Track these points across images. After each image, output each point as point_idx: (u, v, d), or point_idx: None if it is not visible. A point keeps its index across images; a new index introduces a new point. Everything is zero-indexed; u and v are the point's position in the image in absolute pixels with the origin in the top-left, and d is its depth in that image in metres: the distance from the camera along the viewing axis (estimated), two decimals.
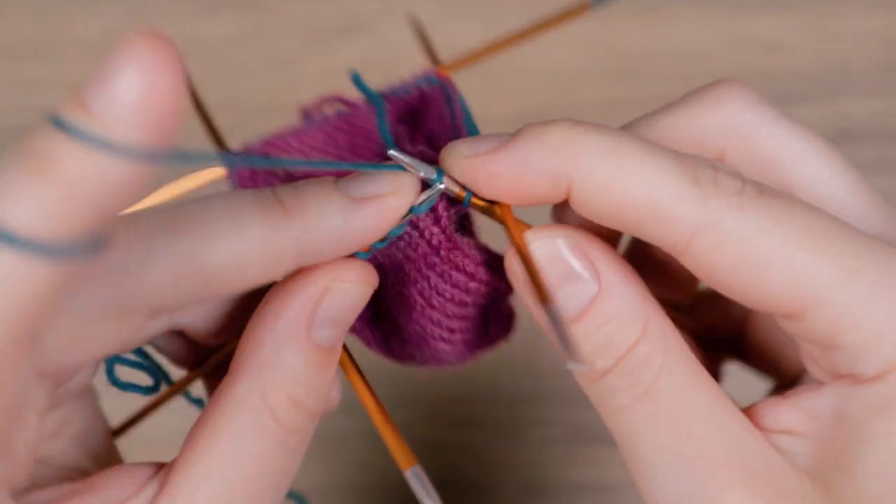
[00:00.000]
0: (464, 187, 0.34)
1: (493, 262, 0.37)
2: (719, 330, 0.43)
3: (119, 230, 0.30)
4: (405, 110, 0.40)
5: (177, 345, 0.39)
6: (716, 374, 0.44)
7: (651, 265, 0.39)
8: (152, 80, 0.23)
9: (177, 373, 0.40)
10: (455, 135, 0.38)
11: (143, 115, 0.23)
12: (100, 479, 0.32)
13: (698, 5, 0.75)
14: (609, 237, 0.35)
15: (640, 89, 0.74)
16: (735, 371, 0.44)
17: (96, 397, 0.38)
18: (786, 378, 0.40)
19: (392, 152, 0.33)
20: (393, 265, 0.36)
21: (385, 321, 0.39)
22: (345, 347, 0.36)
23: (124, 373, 0.39)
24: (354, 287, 0.34)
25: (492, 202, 0.34)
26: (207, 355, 0.38)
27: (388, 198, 0.33)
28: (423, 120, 0.40)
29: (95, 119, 0.23)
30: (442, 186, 0.34)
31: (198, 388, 0.40)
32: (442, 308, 0.37)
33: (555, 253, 0.33)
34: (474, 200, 0.34)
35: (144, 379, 0.40)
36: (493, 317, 0.40)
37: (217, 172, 0.37)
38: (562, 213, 0.37)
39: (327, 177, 0.33)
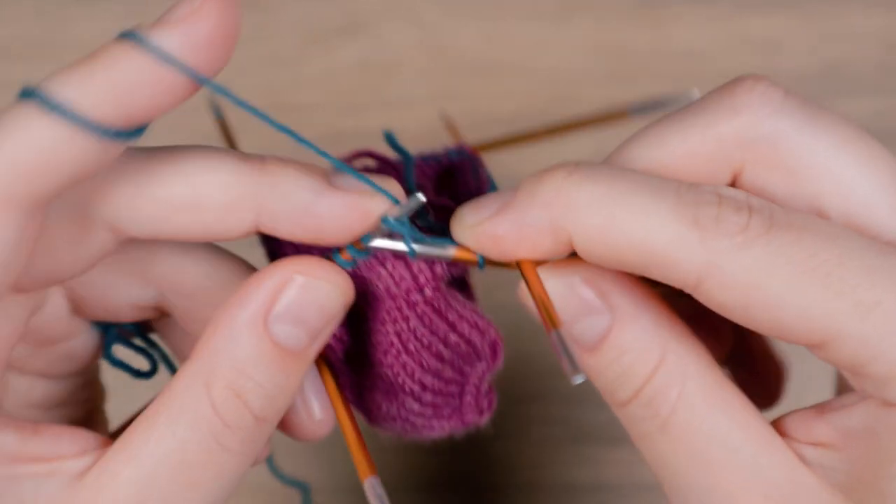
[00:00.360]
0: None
1: (481, 325, 0.37)
2: None
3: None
4: (434, 173, 0.40)
5: (178, 336, 0.39)
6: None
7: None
8: (209, 10, 0.29)
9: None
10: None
11: (195, 35, 0.29)
12: (47, 430, 0.32)
13: (698, 5, 0.75)
14: None
15: (640, 89, 0.74)
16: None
17: (102, 396, 0.40)
18: None
19: (420, 195, 0.33)
20: (374, 299, 0.36)
21: (359, 361, 0.38)
22: (326, 360, 0.35)
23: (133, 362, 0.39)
24: (322, 285, 0.33)
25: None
26: None
27: (363, 196, 0.33)
28: (449, 183, 0.40)
29: (160, 32, 0.29)
30: (423, 199, 0.33)
31: None
32: (417, 356, 0.36)
33: (568, 287, 0.32)
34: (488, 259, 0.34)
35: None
36: (471, 392, 0.38)
37: None
38: None
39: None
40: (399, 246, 0.34)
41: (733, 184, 0.34)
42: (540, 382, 0.68)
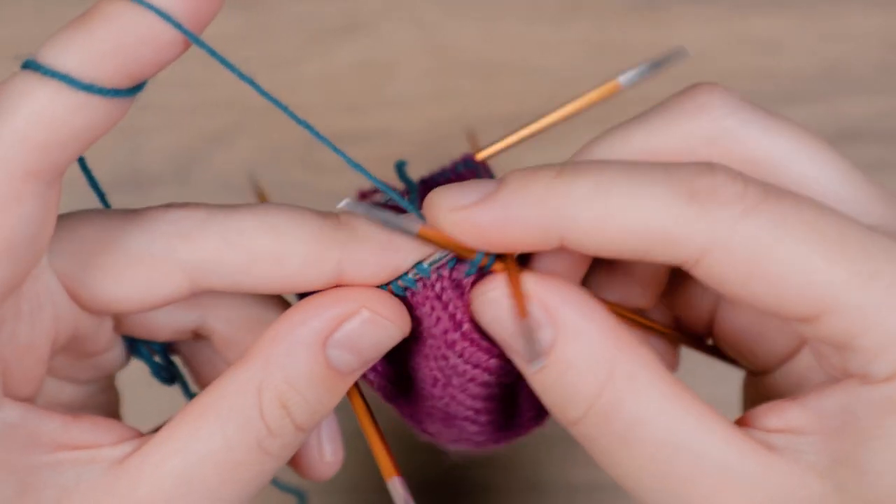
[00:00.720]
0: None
1: None
2: (685, 323, 0.42)
3: (185, 203, 0.34)
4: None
5: (200, 361, 0.40)
6: (673, 363, 0.43)
7: (615, 270, 0.39)
8: None
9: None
10: None
11: None
12: (85, 419, 0.33)
13: (698, 5, 0.75)
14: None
15: (640, 89, 0.74)
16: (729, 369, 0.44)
17: (118, 401, 0.41)
18: (757, 368, 0.39)
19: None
20: (423, 334, 0.36)
21: (414, 393, 0.39)
22: (356, 384, 0.36)
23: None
24: (386, 324, 0.34)
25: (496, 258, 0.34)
26: None
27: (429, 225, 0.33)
28: None
29: None
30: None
31: None
32: (463, 387, 0.36)
33: (511, 300, 0.32)
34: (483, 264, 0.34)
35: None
36: (526, 399, 0.38)
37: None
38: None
39: None
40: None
41: None
42: None
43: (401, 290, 0.35)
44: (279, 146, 0.71)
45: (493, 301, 0.33)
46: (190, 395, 0.41)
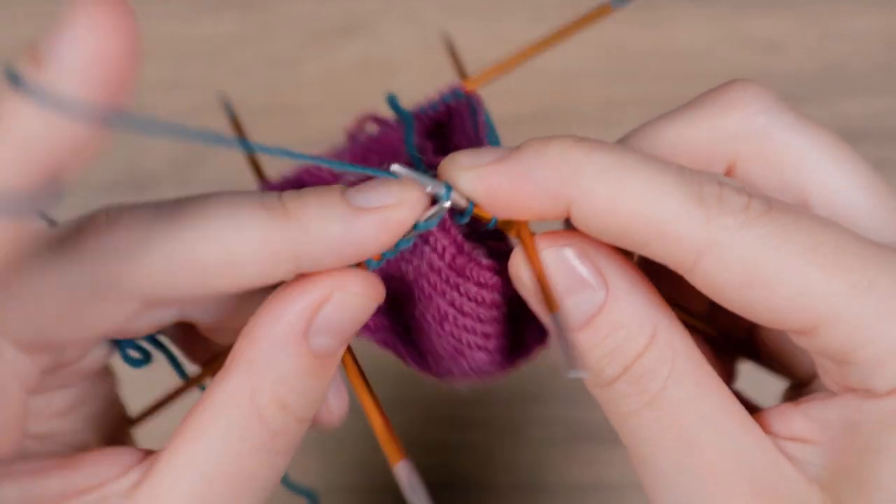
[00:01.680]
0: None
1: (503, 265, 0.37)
2: (732, 333, 0.42)
3: (122, 216, 0.31)
4: (433, 125, 0.40)
5: (190, 339, 0.40)
6: (730, 374, 0.43)
7: (666, 272, 0.39)
8: (102, 39, 0.22)
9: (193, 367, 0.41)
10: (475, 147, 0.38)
11: (92, 72, 0.23)
12: (86, 458, 0.33)
13: (698, 5, 0.75)
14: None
15: (640, 89, 0.74)
16: (750, 371, 0.44)
17: (115, 382, 0.39)
18: (799, 378, 0.39)
19: (395, 167, 0.33)
20: (416, 281, 0.36)
21: (418, 338, 0.39)
22: (349, 349, 0.35)
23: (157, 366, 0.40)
24: (357, 299, 0.33)
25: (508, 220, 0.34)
26: (224, 352, 0.39)
27: (391, 209, 0.33)
28: (449, 134, 0.40)
29: (46, 74, 0.23)
30: (447, 204, 0.33)
31: None
32: (475, 313, 0.36)
33: (563, 260, 0.33)
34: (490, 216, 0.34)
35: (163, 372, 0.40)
36: (527, 320, 0.39)
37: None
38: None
39: (336, 185, 0.33)
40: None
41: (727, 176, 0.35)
42: (540, 382, 0.68)
43: (378, 263, 0.34)
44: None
45: (521, 283, 0.33)
46: (181, 372, 0.40)
